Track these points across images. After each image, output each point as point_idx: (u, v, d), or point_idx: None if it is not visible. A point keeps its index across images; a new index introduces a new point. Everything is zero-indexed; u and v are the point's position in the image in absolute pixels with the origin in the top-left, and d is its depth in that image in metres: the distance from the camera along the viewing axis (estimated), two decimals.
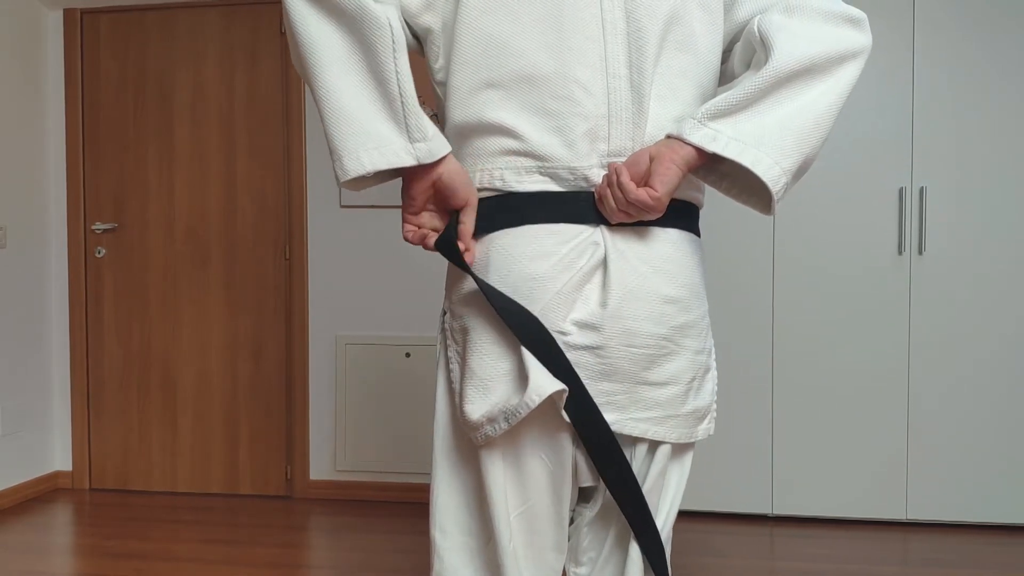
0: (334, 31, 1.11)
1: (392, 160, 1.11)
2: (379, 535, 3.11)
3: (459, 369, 1.22)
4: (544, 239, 1.14)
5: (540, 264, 1.14)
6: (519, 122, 1.14)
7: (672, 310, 1.19)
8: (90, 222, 3.70)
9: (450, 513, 1.24)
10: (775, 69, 1.11)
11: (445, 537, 1.24)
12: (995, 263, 3.09)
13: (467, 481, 1.24)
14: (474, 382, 1.17)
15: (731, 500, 3.23)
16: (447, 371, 1.26)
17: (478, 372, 1.17)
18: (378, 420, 3.52)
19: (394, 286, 3.49)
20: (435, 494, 1.25)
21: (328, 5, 1.11)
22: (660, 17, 1.16)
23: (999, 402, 3.09)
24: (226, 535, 3.14)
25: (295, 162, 3.54)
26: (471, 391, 1.17)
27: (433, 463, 1.26)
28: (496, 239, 1.16)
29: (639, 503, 1.20)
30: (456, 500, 1.24)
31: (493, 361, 1.16)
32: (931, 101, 3.09)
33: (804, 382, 3.18)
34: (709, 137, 1.11)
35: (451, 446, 1.25)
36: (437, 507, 1.25)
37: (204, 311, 3.63)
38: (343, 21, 1.11)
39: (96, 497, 3.63)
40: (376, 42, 1.09)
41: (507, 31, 1.14)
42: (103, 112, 3.68)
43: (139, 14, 3.64)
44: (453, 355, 1.24)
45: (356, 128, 1.10)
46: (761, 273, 3.19)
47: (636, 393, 1.18)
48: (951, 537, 3.05)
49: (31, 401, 3.61)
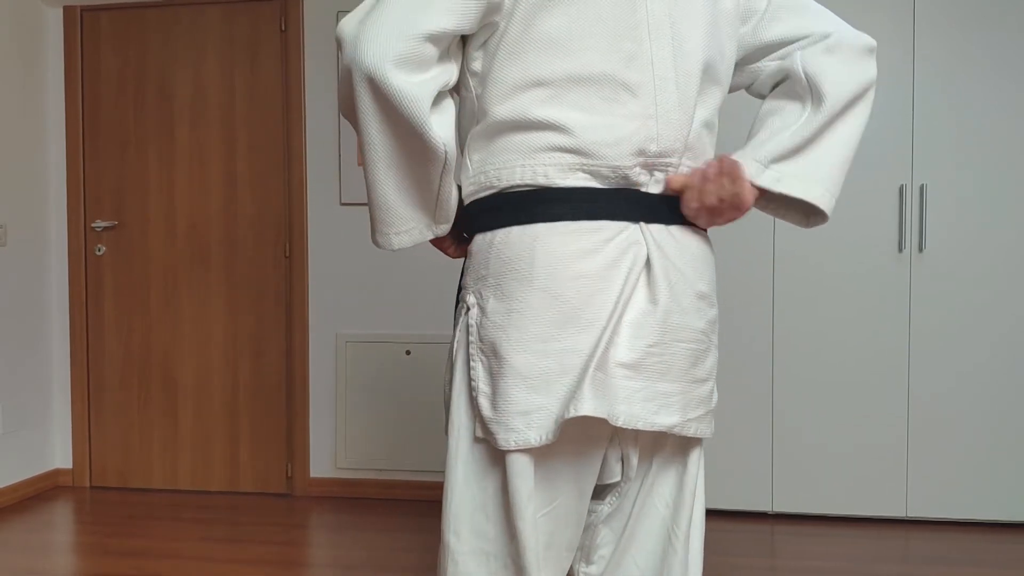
0: (392, 136, 1.17)
1: (417, 239, 1.27)
2: (380, 533, 3.11)
3: (486, 372, 1.18)
4: (589, 236, 1.16)
5: (587, 263, 1.15)
6: (568, 120, 1.15)
7: (704, 305, 1.24)
8: (90, 220, 3.70)
9: (465, 517, 1.21)
10: (827, 115, 1.26)
11: (460, 541, 1.21)
12: (995, 260, 3.09)
13: (485, 485, 1.20)
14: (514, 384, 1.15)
15: (731, 497, 3.23)
16: (467, 373, 1.21)
17: (524, 372, 1.15)
18: (378, 418, 3.52)
19: (394, 284, 3.49)
20: (449, 498, 1.22)
21: (394, 115, 1.13)
22: (701, 23, 1.21)
23: (999, 399, 3.09)
24: (227, 533, 3.14)
25: (295, 159, 3.54)
26: (513, 394, 1.15)
27: (449, 466, 1.22)
28: (540, 237, 1.16)
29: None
30: (472, 504, 1.21)
31: (537, 360, 1.15)
32: (932, 99, 3.09)
33: (804, 379, 3.18)
34: (774, 179, 1.24)
35: (468, 449, 1.21)
36: (451, 511, 1.21)
37: (204, 309, 3.63)
38: (403, 131, 1.15)
39: (97, 495, 3.63)
40: (430, 166, 1.18)
41: (563, 31, 1.15)
42: (103, 110, 3.68)
43: (139, 11, 3.64)
44: (477, 354, 1.20)
45: (393, 216, 1.23)
46: (762, 270, 3.19)
47: (689, 392, 1.21)
48: (951, 534, 3.05)
49: (31, 399, 3.61)
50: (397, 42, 1.09)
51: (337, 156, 3.52)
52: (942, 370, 3.11)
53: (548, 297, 1.14)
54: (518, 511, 1.17)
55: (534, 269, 1.15)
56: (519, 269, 1.16)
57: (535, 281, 1.15)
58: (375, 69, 1.10)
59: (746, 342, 3.20)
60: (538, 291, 1.14)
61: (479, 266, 1.21)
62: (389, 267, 3.49)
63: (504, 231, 1.18)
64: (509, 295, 1.16)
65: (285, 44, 3.53)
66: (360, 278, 3.53)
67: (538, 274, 1.15)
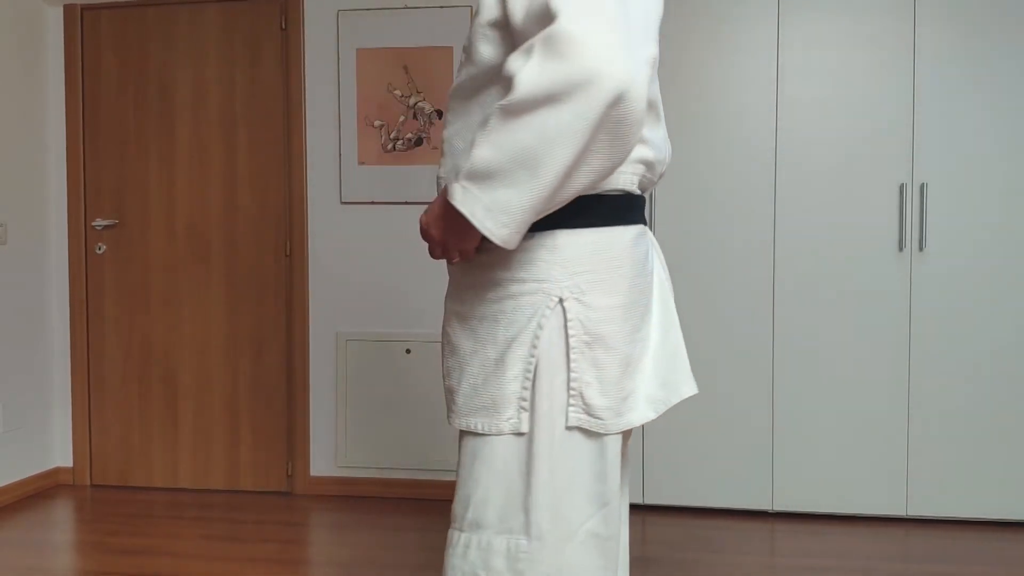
0: (589, 152, 1.13)
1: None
2: (380, 531, 3.12)
3: (591, 362, 1.23)
4: (642, 238, 1.32)
5: (647, 263, 1.33)
6: (649, 135, 1.29)
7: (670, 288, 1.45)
8: (90, 218, 3.70)
9: (559, 508, 1.23)
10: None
11: (559, 530, 1.23)
12: (996, 259, 3.09)
13: (577, 471, 1.24)
14: (621, 372, 1.26)
15: (731, 496, 3.23)
16: (565, 365, 1.23)
17: (627, 361, 1.27)
18: (379, 416, 3.52)
19: (395, 283, 3.49)
20: (535, 494, 1.22)
21: (624, 129, 1.10)
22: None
23: (1000, 398, 3.10)
24: (227, 531, 3.15)
25: (296, 158, 3.54)
26: (623, 381, 1.26)
27: (533, 458, 1.23)
28: (629, 239, 1.28)
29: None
30: (564, 493, 1.23)
31: (633, 348, 1.28)
32: (932, 97, 3.09)
33: (804, 377, 3.18)
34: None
35: (559, 441, 1.24)
36: (539, 504, 1.22)
37: (205, 307, 3.64)
38: (612, 146, 1.13)
39: (97, 493, 3.63)
40: (604, 176, 1.24)
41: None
42: (103, 108, 3.68)
43: (139, 10, 3.64)
44: (580, 346, 1.22)
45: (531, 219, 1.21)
46: (762, 269, 3.19)
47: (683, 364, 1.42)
48: (951, 533, 3.06)
49: (32, 397, 3.61)
50: (652, 45, 1.16)
51: (337, 156, 3.52)
52: (942, 368, 3.12)
53: (636, 293, 1.28)
54: (612, 493, 1.26)
55: (631, 267, 1.28)
56: (621, 267, 1.26)
57: (631, 279, 1.27)
58: (631, 80, 1.05)
59: (746, 341, 3.20)
60: (633, 288, 1.28)
61: (572, 262, 1.24)
62: (389, 267, 3.49)
63: (606, 231, 1.26)
64: (615, 291, 1.25)
65: (285, 43, 3.54)
66: (360, 278, 3.53)
67: (632, 272, 1.28)
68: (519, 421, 1.24)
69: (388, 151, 3.48)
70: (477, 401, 1.26)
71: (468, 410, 1.28)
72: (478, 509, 1.25)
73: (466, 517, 1.26)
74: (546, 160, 1.08)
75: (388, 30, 3.45)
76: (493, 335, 1.26)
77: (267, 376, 3.61)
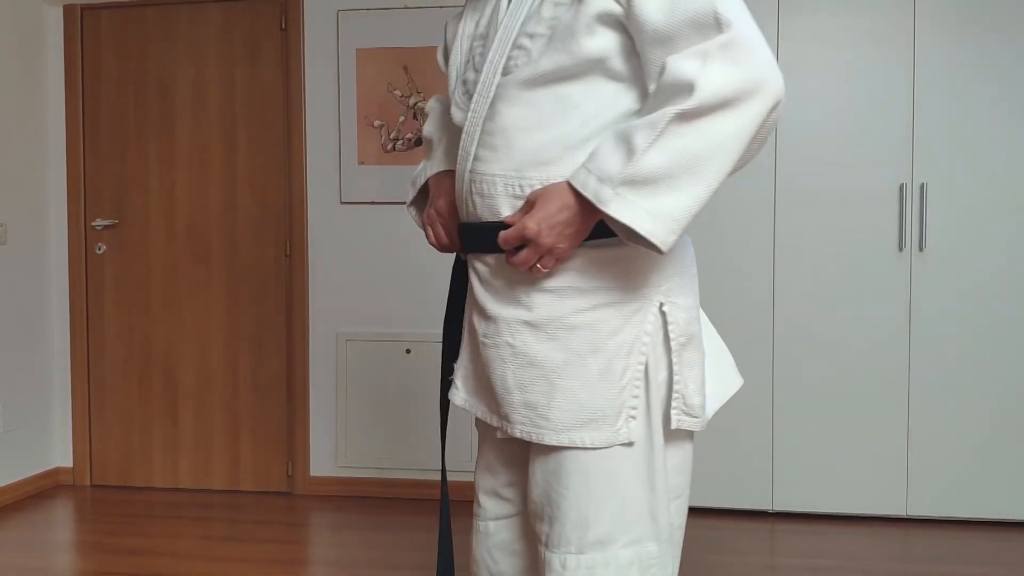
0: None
1: None
2: (380, 531, 3.12)
3: (686, 364, 1.26)
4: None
5: None
6: None
7: None
8: (90, 218, 3.70)
9: (645, 517, 1.24)
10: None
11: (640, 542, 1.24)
12: (995, 259, 3.09)
13: (654, 476, 1.25)
14: (703, 369, 1.30)
15: (731, 496, 3.23)
16: (668, 370, 1.25)
17: (719, 360, 1.37)
18: (379, 416, 3.52)
19: (394, 283, 3.49)
20: (621, 504, 1.23)
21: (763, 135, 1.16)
22: None
23: (1000, 398, 3.10)
24: (227, 532, 3.15)
25: (295, 158, 3.54)
26: (703, 378, 1.30)
27: (651, 464, 1.24)
28: (689, 240, 1.35)
29: None
30: (647, 502, 1.25)
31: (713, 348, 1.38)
32: (932, 97, 3.09)
33: (804, 378, 3.18)
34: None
35: (670, 439, 1.28)
36: (626, 517, 1.23)
37: (205, 308, 3.63)
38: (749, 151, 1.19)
39: (97, 493, 3.63)
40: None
41: None
42: (103, 108, 3.68)
43: (139, 10, 3.63)
44: (679, 349, 1.26)
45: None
46: (762, 269, 3.19)
47: None
48: (951, 533, 3.06)
49: (32, 397, 3.61)
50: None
51: (337, 156, 3.52)
52: (942, 368, 3.11)
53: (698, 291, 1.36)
54: (687, 483, 1.33)
55: (695, 267, 1.36)
56: (692, 267, 1.34)
57: (696, 278, 1.36)
58: (783, 88, 1.14)
59: (746, 341, 3.20)
60: (697, 287, 1.36)
61: (664, 266, 1.26)
62: (389, 267, 3.49)
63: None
64: (693, 291, 1.33)
65: (285, 43, 3.53)
66: (360, 278, 3.53)
67: (695, 271, 1.36)
68: (629, 431, 1.22)
69: (388, 151, 3.48)
70: (583, 415, 1.21)
71: (570, 425, 1.22)
72: (604, 526, 1.21)
73: (586, 538, 1.21)
74: (711, 165, 1.12)
75: (388, 30, 3.45)
76: (593, 345, 1.22)
77: (267, 376, 3.61)
